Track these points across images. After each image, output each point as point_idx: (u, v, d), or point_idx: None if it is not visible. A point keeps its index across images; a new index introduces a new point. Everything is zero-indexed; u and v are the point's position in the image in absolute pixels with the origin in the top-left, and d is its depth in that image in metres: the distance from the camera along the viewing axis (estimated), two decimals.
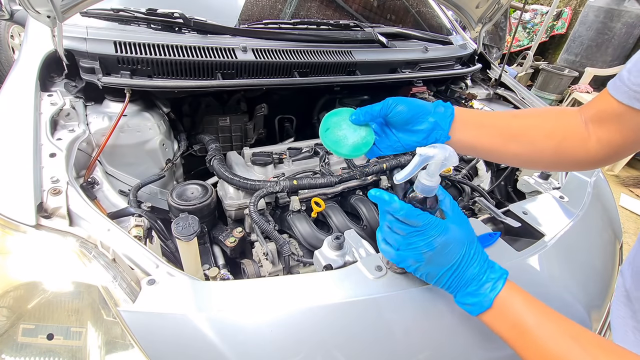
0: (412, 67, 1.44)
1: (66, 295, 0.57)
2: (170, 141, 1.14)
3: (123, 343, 0.53)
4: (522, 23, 4.99)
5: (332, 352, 0.56)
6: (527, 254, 0.77)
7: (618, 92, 0.54)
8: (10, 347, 0.51)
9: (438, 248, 0.53)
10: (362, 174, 1.11)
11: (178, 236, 0.68)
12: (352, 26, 1.36)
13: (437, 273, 0.55)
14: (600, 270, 0.87)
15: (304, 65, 1.18)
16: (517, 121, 0.65)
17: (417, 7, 1.77)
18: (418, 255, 0.54)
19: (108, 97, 1.04)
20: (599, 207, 1.00)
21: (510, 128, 0.64)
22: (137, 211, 0.78)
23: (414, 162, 0.54)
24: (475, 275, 0.54)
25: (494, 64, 1.72)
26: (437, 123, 0.62)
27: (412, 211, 0.53)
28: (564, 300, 0.75)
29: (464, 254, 0.54)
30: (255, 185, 0.98)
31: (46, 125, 0.83)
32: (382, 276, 0.66)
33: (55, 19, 0.84)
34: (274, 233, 0.87)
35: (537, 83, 4.78)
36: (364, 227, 1.02)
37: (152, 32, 1.07)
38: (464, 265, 0.54)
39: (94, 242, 0.64)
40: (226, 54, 1.08)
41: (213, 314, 0.55)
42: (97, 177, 0.88)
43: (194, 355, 0.53)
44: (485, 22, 1.46)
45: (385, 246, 0.58)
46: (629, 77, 0.52)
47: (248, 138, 1.42)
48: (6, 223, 0.62)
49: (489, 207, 0.92)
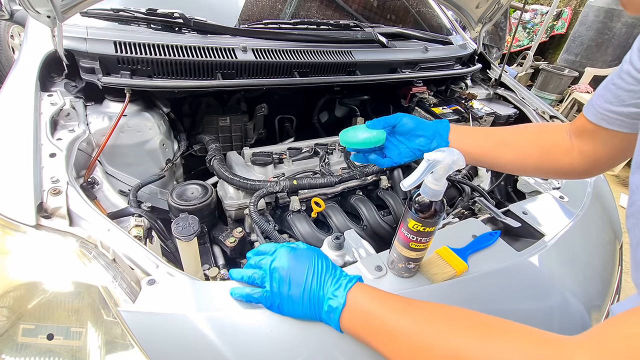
0: (412, 67, 1.44)
1: (66, 295, 0.56)
2: (170, 141, 1.14)
3: (123, 343, 0.53)
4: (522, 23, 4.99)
5: (332, 353, 0.56)
6: (527, 254, 0.77)
7: (589, 112, 0.63)
8: (10, 347, 0.51)
9: (283, 271, 0.56)
10: (362, 174, 1.11)
11: (178, 236, 0.68)
12: (352, 26, 1.36)
13: (299, 293, 0.55)
14: (600, 270, 0.87)
15: (304, 65, 1.18)
16: (507, 130, 0.75)
17: (417, 7, 1.77)
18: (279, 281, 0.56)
19: (108, 97, 1.04)
20: (599, 207, 1.00)
21: (501, 135, 0.73)
22: (137, 211, 0.78)
23: (421, 168, 0.54)
24: (331, 279, 0.55)
25: (494, 64, 1.72)
26: (437, 131, 0.73)
27: (249, 279, 0.59)
28: (564, 300, 0.75)
29: (313, 266, 0.56)
30: (255, 185, 0.98)
31: (46, 125, 0.83)
32: (382, 276, 0.66)
33: (55, 19, 0.84)
34: (274, 233, 0.87)
35: (537, 83, 4.77)
36: (364, 227, 1.02)
37: (152, 32, 1.07)
38: (318, 275, 0.56)
39: (94, 242, 0.64)
40: (226, 54, 1.08)
41: (213, 314, 0.55)
42: (97, 177, 0.88)
43: (194, 355, 0.53)
44: (485, 22, 1.46)
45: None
46: (597, 100, 0.61)
47: (248, 138, 1.42)
48: (6, 223, 0.62)
49: (489, 207, 0.92)
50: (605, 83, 0.62)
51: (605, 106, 0.60)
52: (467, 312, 0.48)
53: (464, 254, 0.71)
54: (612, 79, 0.61)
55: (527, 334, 0.41)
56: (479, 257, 0.73)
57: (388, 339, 0.49)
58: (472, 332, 0.44)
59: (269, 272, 0.56)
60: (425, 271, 0.68)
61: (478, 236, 0.78)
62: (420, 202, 0.57)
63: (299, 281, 0.55)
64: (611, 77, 0.61)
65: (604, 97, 0.61)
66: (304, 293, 0.54)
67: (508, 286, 0.72)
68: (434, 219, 0.56)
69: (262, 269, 0.58)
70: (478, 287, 0.69)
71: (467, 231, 0.80)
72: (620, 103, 0.59)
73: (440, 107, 1.44)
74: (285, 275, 0.55)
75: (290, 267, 0.56)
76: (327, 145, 1.25)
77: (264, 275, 0.57)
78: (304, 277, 0.55)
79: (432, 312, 0.49)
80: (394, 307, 0.51)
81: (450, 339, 0.44)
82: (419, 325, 0.47)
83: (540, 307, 0.72)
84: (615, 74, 0.61)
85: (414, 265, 0.65)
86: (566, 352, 0.37)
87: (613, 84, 0.60)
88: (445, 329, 0.46)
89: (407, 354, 0.47)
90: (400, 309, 0.50)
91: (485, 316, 0.46)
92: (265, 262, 0.58)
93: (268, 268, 0.57)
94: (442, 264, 0.68)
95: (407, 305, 0.51)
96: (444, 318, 0.48)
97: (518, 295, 0.72)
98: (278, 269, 0.56)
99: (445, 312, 0.49)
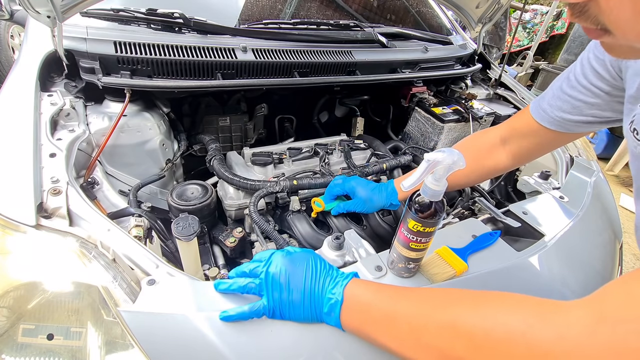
0: (412, 67, 1.44)
1: (66, 296, 0.56)
2: (170, 141, 1.14)
3: (123, 343, 0.53)
4: (522, 23, 4.99)
5: (332, 353, 0.56)
6: (527, 254, 0.77)
7: (543, 120, 0.71)
8: (10, 347, 0.51)
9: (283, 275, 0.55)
10: (362, 174, 1.11)
11: (178, 236, 0.68)
12: (352, 26, 1.36)
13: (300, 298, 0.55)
14: (600, 270, 0.87)
15: (304, 65, 1.18)
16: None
17: (417, 7, 1.77)
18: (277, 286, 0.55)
19: (108, 97, 1.04)
20: (599, 207, 1.00)
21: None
22: (137, 211, 0.78)
23: (421, 169, 0.53)
24: (328, 279, 0.55)
25: (494, 64, 1.72)
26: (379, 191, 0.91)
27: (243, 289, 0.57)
28: (564, 300, 0.74)
29: (311, 268, 0.56)
30: (255, 185, 0.98)
31: (46, 126, 0.83)
32: (382, 276, 0.66)
33: (55, 19, 0.84)
34: (274, 233, 0.87)
35: (537, 83, 4.77)
36: (364, 227, 1.02)
37: (152, 32, 1.07)
38: (317, 277, 0.55)
39: (94, 242, 0.64)
40: (226, 54, 1.08)
41: (213, 314, 0.55)
42: (97, 177, 0.88)
43: (194, 355, 0.53)
44: (485, 22, 1.45)
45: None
46: (551, 109, 0.70)
47: (248, 138, 1.42)
48: (6, 223, 0.62)
49: (489, 207, 0.92)
50: (557, 92, 0.68)
51: (563, 115, 0.67)
52: (463, 290, 0.48)
53: (464, 254, 0.71)
54: (564, 89, 0.67)
55: (523, 299, 0.42)
56: (479, 257, 0.73)
57: (387, 326, 0.49)
58: (468, 302, 0.44)
59: (266, 280, 0.55)
60: (425, 271, 0.68)
61: (478, 236, 0.78)
62: (420, 202, 0.57)
63: (298, 286, 0.54)
64: (563, 87, 0.67)
65: (561, 108, 0.67)
66: (304, 297, 0.54)
67: (508, 286, 0.72)
68: (434, 219, 0.56)
69: (257, 277, 0.56)
70: (478, 287, 0.69)
71: (467, 231, 0.80)
72: (579, 113, 0.65)
73: (440, 107, 1.44)
74: (284, 282, 0.54)
75: (288, 273, 0.55)
76: (327, 145, 1.25)
77: (260, 284, 0.55)
78: (303, 281, 0.54)
79: (427, 293, 0.50)
80: (390, 295, 0.51)
81: (446, 311, 0.44)
82: (415, 306, 0.48)
83: None
84: (567, 84, 0.67)
85: (414, 265, 0.65)
86: (562, 307, 0.38)
87: (569, 95, 0.66)
88: (440, 304, 0.46)
89: (406, 336, 0.47)
90: (397, 295, 0.51)
91: (481, 291, 0.47)
92: (260, 269, 0.57)
93: (265, 275, 0.55)
94: (442, 264, 0.68)
95: (403, 291, 0.52)
96: (439, 296, 0.48)
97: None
98: (276, 275, 0.55)
99: (440, 291, 0.50)
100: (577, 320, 0.35)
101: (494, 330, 0.39)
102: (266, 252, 0.61)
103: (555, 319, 0.37)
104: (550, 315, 0.37)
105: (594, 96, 0.63)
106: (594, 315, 0.35)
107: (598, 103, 0.63)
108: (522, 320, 0.38)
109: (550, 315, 0.37)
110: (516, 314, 0.39)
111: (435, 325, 0.44)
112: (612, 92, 0.61)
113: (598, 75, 0.61)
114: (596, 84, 0.62)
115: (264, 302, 0.54)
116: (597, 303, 0.36)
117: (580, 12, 0.31)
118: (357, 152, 1.27)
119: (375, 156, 1.27)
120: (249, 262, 0.61)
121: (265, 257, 0.59)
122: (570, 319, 0.36)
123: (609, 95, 0.62)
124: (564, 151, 1.21)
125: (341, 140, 1.30)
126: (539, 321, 0.37)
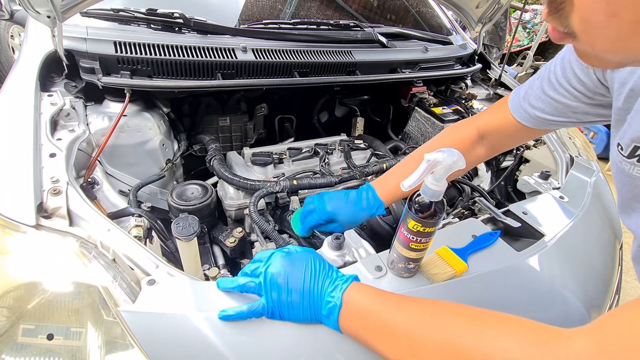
0: (412, 67, 1.44)
1: (66, 296, 0.57)
2: (170, 141, 1.14)
3: (123, 343, 0.53)
4: (522, 23, 4.99)
5: (332, 353, 0.56)
6: (527, 254, 0.76)
7: (525, 120, 0.71)
8: (10, 347, 0.51)
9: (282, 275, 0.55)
10: (362, 174, 1.11)
11: (178, 236, 0.68)
12: (352, 26, 1.36)
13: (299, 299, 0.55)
14: (600, 270, 0.87)
15: (304, 65, 1.18)
16: (424, 149, 0.85)
17: (417, 7, 1.77)
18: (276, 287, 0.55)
19: (108, 97, 1.04)
20: (599, 207, 1.00)
21: (419, 157, 0.74)
22: (137, 211, 0.78)
23: (421, 169, 0.53)
24: (328, 281, 0.55)
25: (494, 64, 1.72)
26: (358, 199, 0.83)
27: (242, 288, 0.56)
28: (564, 300, 0.74)
29: (310, 269, 0.56)
30: (255, 185, 0.98)
31: (46, 126, 0.83)
32: (382, 276, 0.66)
33: (55, 19, 0.84)
34: (274, 233, 0.87)
35: None
36: (363, 227, 1.02)
37: (152, 32, 1.07)
38: (316, 278, 0.55)
39: (94, 242, 0.64)
40: (226, 54, 1.08)
41: (213, 314, 0.55)
42: (97, 177, 0.88)
43: (194, 355, 0.53)
44: (485, 22, 1.45)
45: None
46: (532, 110, 0.69)
47: (248, 138, 1.42)
48: (6, 223, 0.62)
49: (489, 207, 0.91)
50: (537, 93, 0.67)
51: (546, 117, 0.67)
52: (463, 306, 0.48)
53: (463, 254, 0.71)
54: (546, 91, 0.66)
55: (522, 323, 0.42)
56: (478, 257, 0.73)
57: (385, 335, 0.49)
58: (468, 322, 0.44)
59: (265, 280, 0.55)
60: (425, 271, 0.68)
61: (478, 236, 0.78)
62: (420, 203, 0.57)
63: (297, 287, 0.54)
64: (545, 89, 0.66)
65: (543, 110, 0.67)
66: (303, 298, 0.54)
67: (508, 286, 0.72)
68: (434, 219, 0.56)
69: (257, 277, 0.56)
70: (478, 287, 0.69)
71: (467, 231, 0.80)
72: (562, 115, 0.66)
73: (440, 107, 1.44)
74: (282, 282, 0.54)
75: (287, 273, 0.55)
76: (327, 145, 1.25)
77: (260, 284, 0.55)
78: (302, 282, 0.54)
79: (427, 306, 0.50)
80: (390, 303, 0.51)
81: (446, 330, 0.44)
82: (415, 318, 0.47)
83: (540, 308, 0.72)
84: (548, 85, 0.66)
85: (413, 265, 0.65)
86: (563, 335, 0.37)
87: (551, 98, 0.65)
88: (440, 320, 0.46)
89: (404, 348, 0.47)
90: (396, 305, 0.50)
91: (480, 309, 0.46)
92: (260, 269, 0.57)
93: (264, 276, 0.55)
94: (442, 264, 0.67)
95: (403, 301, 0.51)
96: (439, 311, 0.48)
97: (518, 296, 0.72)
98: (275, 276, 0.55)
99: (441, 305, 0.49)
100: (577, 354, 0.35)
101: (492, 357, 0.39)
102: (266, 252, 0.60)
103: (555, 351, 0.36)
104: (550, 346, 0.37)
105: (576, 100, 0.63)
106: (594, 348, 0.34)
107: (580, 106, 0.63)
108: (522, 349, 0.38)
109: (549, 347, 0.37)
110: (516, 341, 0.39)
111: (434, 342, 0.44)
112: (594, 97, 0.61)
113: (579, 80, 0.60)
114: (578, 88, 0.61)
115: (263, 302, 0.54)
116: (597, 334, 0.36)
117: (556, 10, 0.30)
118: (357, 152, 1.27)
119: (375, 156, 1.27)
120: (250, 262, 0.61)
121: (265, 257, 0.59)
122: (571, 352, 0.35)
123: (592, 100, 0.61)
124: (564, 151, 1.21)
125: (341, 140, 1.30)
126: (539, 352, 0.37)
